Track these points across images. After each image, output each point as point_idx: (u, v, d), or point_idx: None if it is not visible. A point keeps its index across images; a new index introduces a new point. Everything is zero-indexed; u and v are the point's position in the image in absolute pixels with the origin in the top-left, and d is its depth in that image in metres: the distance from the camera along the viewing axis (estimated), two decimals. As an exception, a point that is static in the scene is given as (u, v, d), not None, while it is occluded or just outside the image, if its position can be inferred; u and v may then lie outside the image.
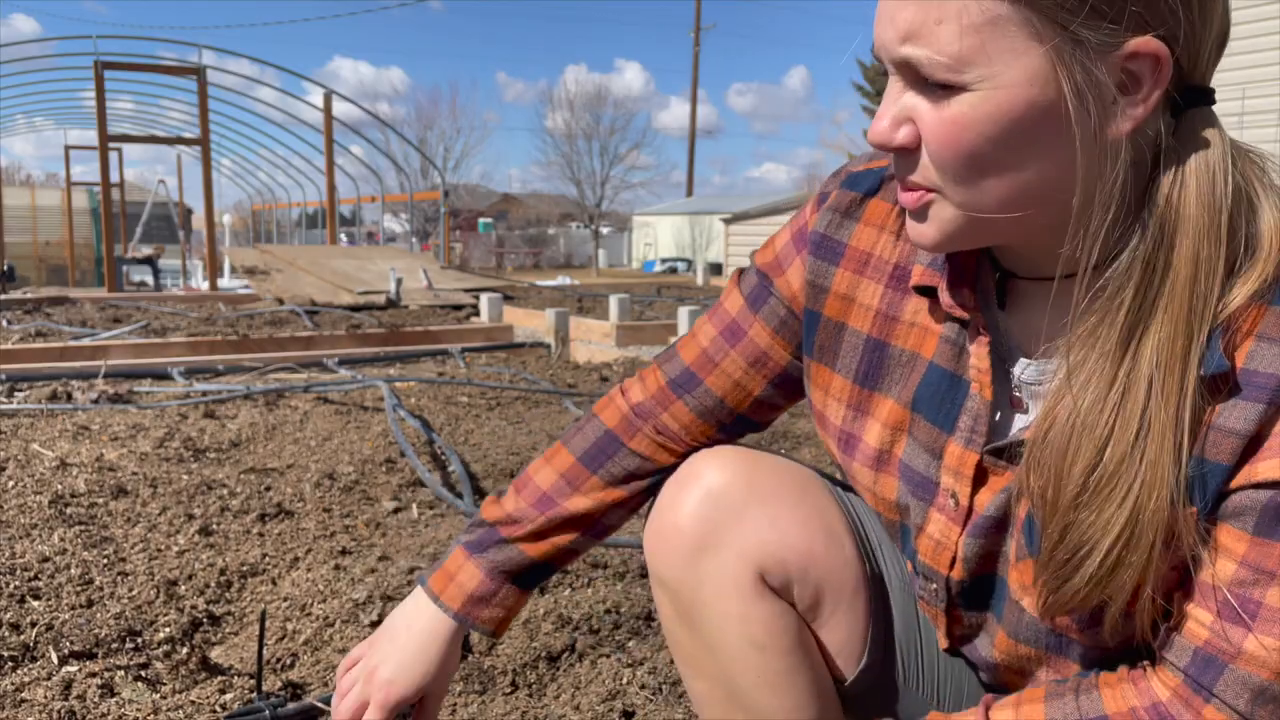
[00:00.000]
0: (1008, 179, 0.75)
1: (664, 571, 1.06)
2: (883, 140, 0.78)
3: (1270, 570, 0.73)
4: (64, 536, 2.33)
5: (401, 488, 2.91)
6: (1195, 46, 0.72)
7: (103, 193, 12.16)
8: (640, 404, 1.13)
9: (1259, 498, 0.73)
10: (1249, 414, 0.73)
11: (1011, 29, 0.70)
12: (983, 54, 0.71)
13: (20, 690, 1.60)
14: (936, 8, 0.71)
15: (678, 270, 31.19)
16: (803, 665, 1.03)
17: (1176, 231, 0.73)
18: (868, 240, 0.96)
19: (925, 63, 0.73)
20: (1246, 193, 0.75)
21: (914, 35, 0.73)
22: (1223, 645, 0.75)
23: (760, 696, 1.03)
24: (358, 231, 33.91)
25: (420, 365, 5.77)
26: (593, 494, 1.13)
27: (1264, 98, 9.07)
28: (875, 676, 1.07)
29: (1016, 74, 0.71)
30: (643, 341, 6.75)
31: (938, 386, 0.92)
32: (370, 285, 9.83)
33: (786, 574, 1.01)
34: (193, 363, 5.33)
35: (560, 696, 1.67)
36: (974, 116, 0.72)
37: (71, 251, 19.26)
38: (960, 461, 0.90)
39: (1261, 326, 0.73)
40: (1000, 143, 0.73)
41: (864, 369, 0.98)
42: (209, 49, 16.13)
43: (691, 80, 47.86)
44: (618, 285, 13.84)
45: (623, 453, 1.13)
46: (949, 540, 0.92)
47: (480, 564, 1.14)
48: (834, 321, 0.99)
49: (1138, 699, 0.78)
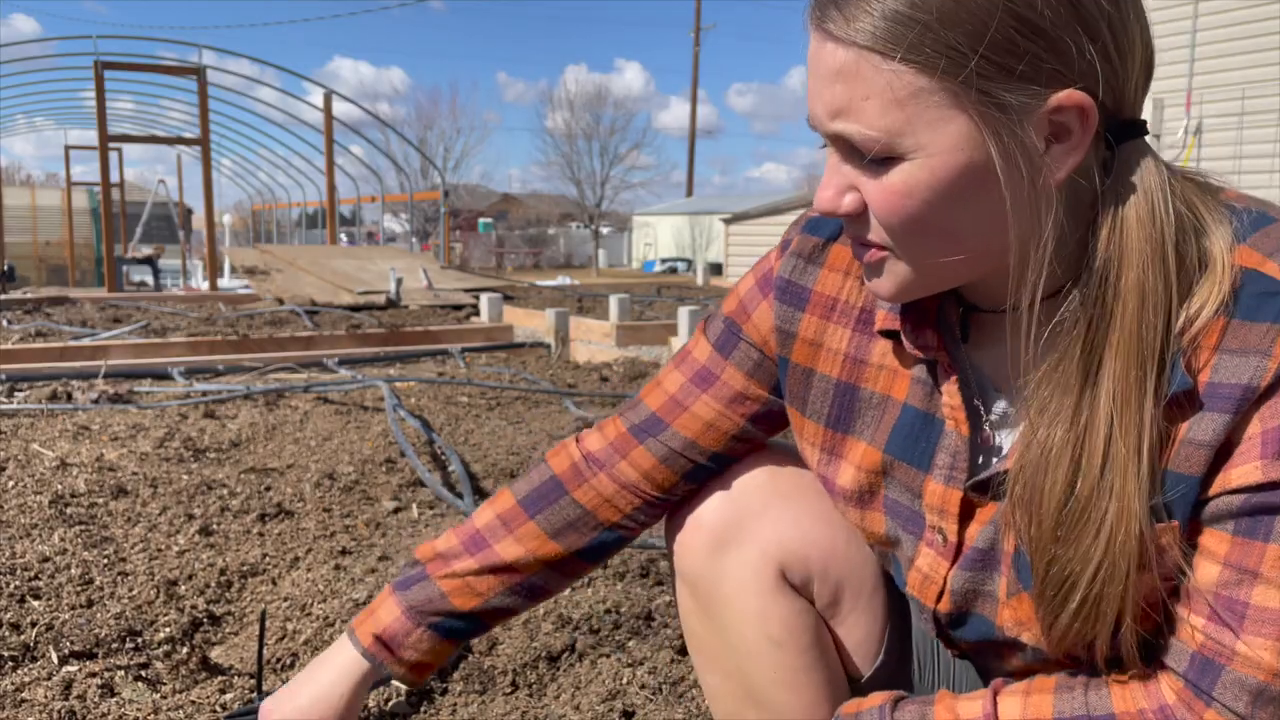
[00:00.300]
0: (953, 235, 0.78)
1: (685, 565, 1.06)
2: (830, 209, 0.81)
3: (1253, 570, 0.74)
4: (64, 536, 2.34)
5: (402, 488, 2.91)
6: (1119, 85, 0.74)
7: (103, 193, 12.15)
8: (594, 452, 1.09)
9: (1235, 501, 0.75)
10: (1216, 425, 0.74)
11: (935, 100, 0.72)
12: (911, 126, 0.73)
13: (20, 690, 1.60)
14: (862, 85, 0.74)
15: (678, 270, 31.18)
16: (819, 664, 1.03)
17: (1121, 264, 0.75)
18: (833, 285, 0.97)
19: (858, 138, 0.75)
20: (1190, 215, 0.77)
21: (843, 112, 0.75)
22: (1217, 648, 0.75)
23: (775, 693, 1.04)
24: (358, 231, 33.91)
25: (420, 365, 5.77)
26: (525, 541, 1.08)
27: (1264, 98, 9.07)
28: (890, 674, 1.07)
29: (946, 141, 0.73)
30: (643, 341, 6.75)
31: (912, 427, 0.93)
32: (370, 285, 9.82)
33: (808, 571, 1.02)
34: (193, 363, 5.33)
35: (560, 696, 1.67)
36: (912, 185, 0.75)
37: (71, 251, 19.25)
38: (943, 500, 0.91)
39: (1222, 340, 0.74)
40: (940, 206, 0.75)
41: (835, 413, 0.98)
42: (209, 49, 16.16)
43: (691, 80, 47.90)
44: (618, 285, 13.84)
45: (564, 500, 1.08)
46: (936, 575, 0.93)
47: (400, 601, 1.09)
48: (802, 367, 0.99)
49: (1145, 700, 0.78)
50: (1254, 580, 0.74)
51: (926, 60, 0.71)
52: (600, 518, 1.08)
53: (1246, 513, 0.74)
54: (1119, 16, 0.73)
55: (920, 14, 0.71)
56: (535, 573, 1.09)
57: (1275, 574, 0.74)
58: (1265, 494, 0.73)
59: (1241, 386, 0.73)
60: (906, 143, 0.74)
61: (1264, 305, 0.74)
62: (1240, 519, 0.75)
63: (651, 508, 1.08)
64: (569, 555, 1.09)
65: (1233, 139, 9.36)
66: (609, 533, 1.09)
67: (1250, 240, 0.76)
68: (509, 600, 1.10)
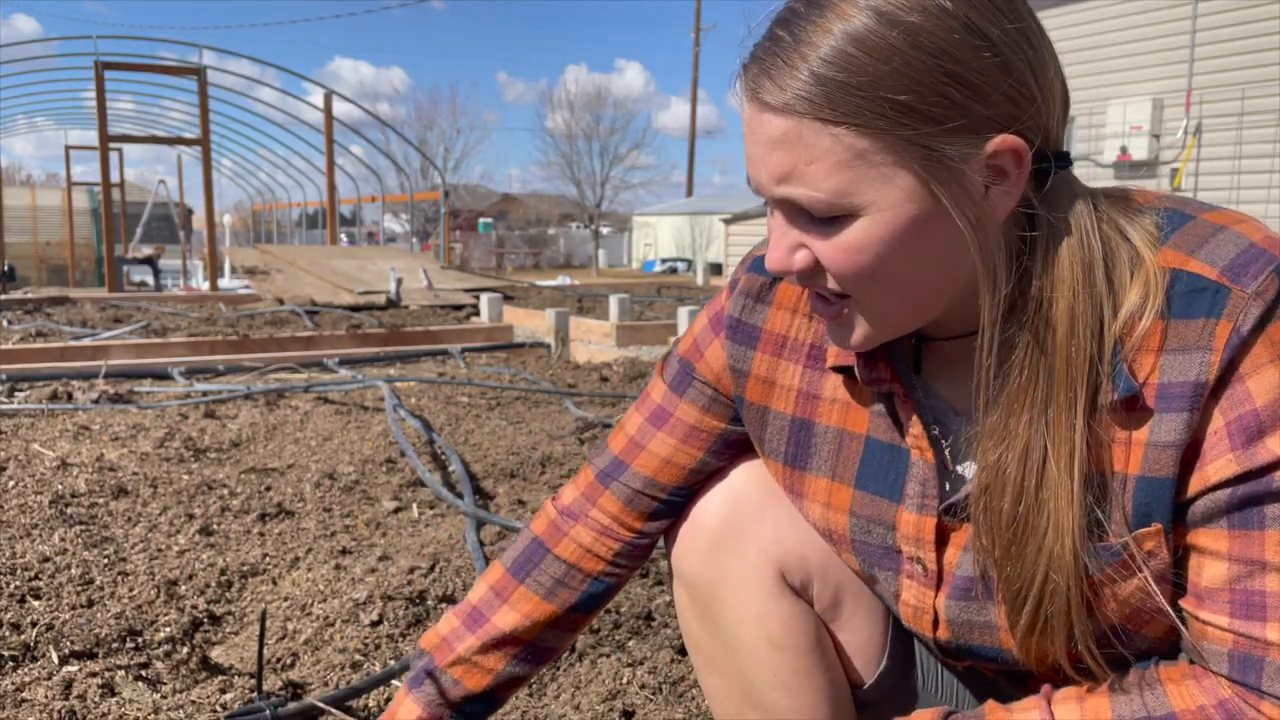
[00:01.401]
0: (906, 282, 0.80)
1: (684, 566, 1.06)
2: (782, 269, 0.82)
3: (1259, 559, 0.75)
4: (64, 536, 2.34)
5: (402, 487, 2.91)
6: (1045, 123, 0.77)
7: (103, 193, 12.15)
8: (568, 505, 1.11)
9: (1221, 498, 0.76)
10: (1176, 424, 0.76)
11: (878, 159, 0.74)
12: (857, 185, 0.75)
13: (21, 690, 1.60)
14: (804, 150, 0.75)
15: (678, 270, 31.17)
16: (818, 666, 1.03)
17: (1053, 292, 0.78)
18: (781, 323, 0.99)
19: (805, 201, 0.77)
20: (1118, 235, 0.80)
21: (788, 177, 0.77)
22: (1250, 643, 0.76)
23: (774, 696, 1.03)
24: (358, 231, 33.90)
25: (420, 365, 5.77)
26: (520, 607, 1.09)
27: (1264, 98, 9.07)
28: (895, 680, 1.07)
29: (893, 196, 0.75)
30: (643, 341, 6.75)
31: (879, 460, 0.94)
32: (370, 285, 9.83)
33: (807, 572, 1.02)
34: (193, 363, 5.33)
35: (560, 696, 1.67)
36: (863, 241, 0.77)
37: (72, 251, 19.25)
38: (918, 528, 0.91)
39: (1164, 342, 0.77)
40: (893, 257, 0.77)
41: (791, 450, 0.99)
42: (209, 49, 16.16)
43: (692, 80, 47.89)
44: (618, 285, 13.84)
45: (548, 559, 1.09)
46: (925, 604, 0.94)
47: (419, 700, 1.10)
48: (757, 406, 1.00)
49: (1204, 696, 0.78)
50: (1264, 569, 0.75)
51: (866, 122, 0.73)
52: (585, 569, 1.09)
53: (1235, 506, 0.75)
54: (1038, 59, 0.76)
55: (854, 78, 0.72)
56: (536, 636, 1.10)
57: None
58: (1248, 484, 0.75)
59: (1191, 383, 0.75)
60: (854, 201, 0.75)
61: (1195, 302, 0.76)
62: (1231, 514, 0.76)
63: (633, 550, 1.09)
64: (564, 613, 1.10)
65: (1232, 139, 9.35)
66: (597, 583, 1.10)
67: (1171, 241, 0.79)
68: (518, 669, 1.11)
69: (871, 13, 0.73)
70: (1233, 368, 0.75)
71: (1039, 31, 0.77)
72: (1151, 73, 9.83)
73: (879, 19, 0.72)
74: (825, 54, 0.73)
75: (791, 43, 0.75)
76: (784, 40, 0.75)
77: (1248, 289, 0.74)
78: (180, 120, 21.38)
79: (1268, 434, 0.74)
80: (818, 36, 0.74)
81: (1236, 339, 0.74)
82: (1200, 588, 0.78)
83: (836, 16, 0.74)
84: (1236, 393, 0.75)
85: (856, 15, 0.73)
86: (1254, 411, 0.74)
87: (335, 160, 16.33)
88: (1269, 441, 0.74)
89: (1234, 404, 0.75)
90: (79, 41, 30.63)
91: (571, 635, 1.13)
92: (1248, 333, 0.74)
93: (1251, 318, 0.74)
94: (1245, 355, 0.74)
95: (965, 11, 0.73)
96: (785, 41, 0.75)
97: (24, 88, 17.52)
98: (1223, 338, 0.74)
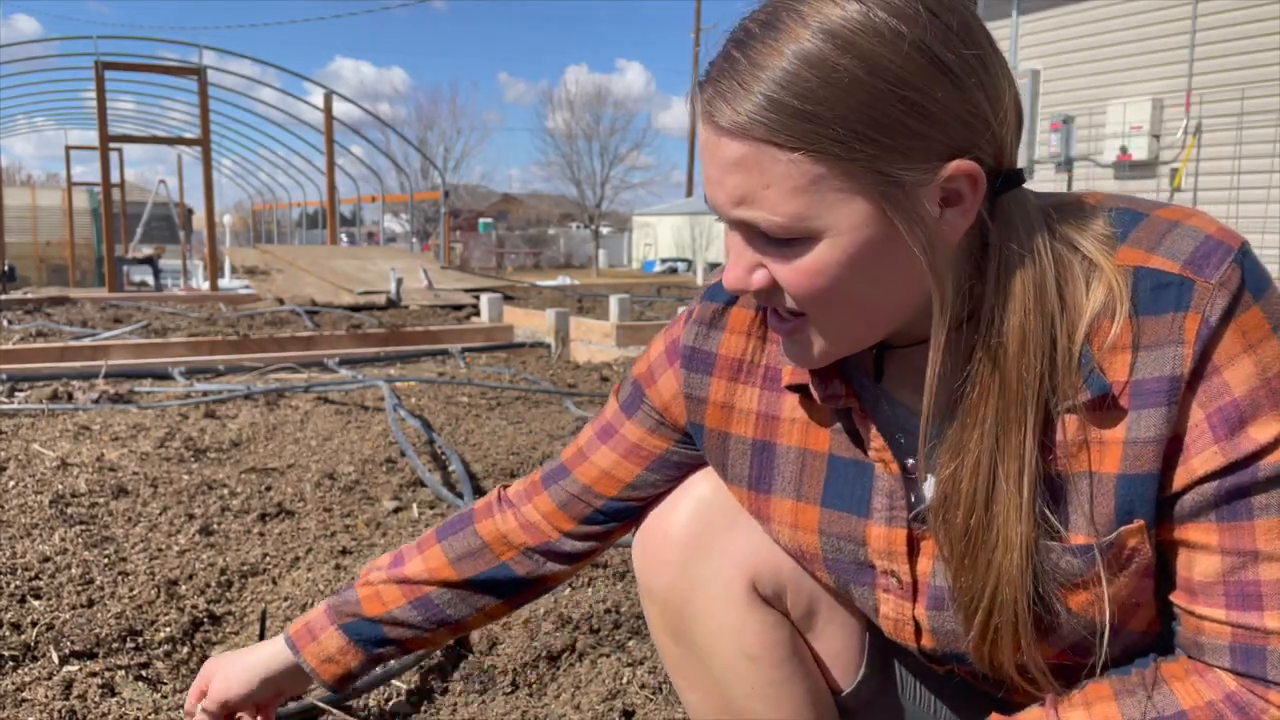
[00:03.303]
0: (864, 303, 0.81)
1: (653, 581, 1.05)
2: (740, 288, 0.83)
3: (1252, 549, 0.75)
4: (65, 536, 2.34)
5: (402, 487, 2.91)
6: (999, 146, 0.78)
7: (103, 193, 12.15)
8: (510, 495, 1.17)
9: (1208, 490, 0.76)
10: (1155, 419, 0.76)
11: (835, 184, 0.74)
12: (814, 210, 0.75)
13: (21, 690, 1.60)
14: (760, 175, 0.75)
15: (678, 270, 31.16)
16: (796, 676, 1.02)
17: (1005, 309, 0.78)
18: (736, 347, 0.99)
19: (763, 224, 0.77)
20: (1070, 249, 0.80)
21: (745, 200, 0.77)
22: (1249, 634, 0.76)
23: (755, 707, 1.02)
24: (358, 231, 33.90)
25: (420, 365, 5.77)
26: (428, 561, 1.16)
27: (1264, 98, 9.07)
28: (873, 688, 1.06)
29: (850, 221, 0.75)
30: (643, 341, 6.75)
31: (845, 476, 0.93)
32: (370, 285, 9.82)
33: (779, 582, 1.01)
34: (193, 363, 5.33)
35: (560, 696, 1.67)
36: (822, 264, 0.77)
37: (72, 251, 19.25)
38: (889, 541, 0.91)
39: (1135, 339, 0.77)
40: (850, 279, 0.78)
41: (754, 473, 0.99)
42: (210, 49, 16.14)
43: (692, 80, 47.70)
44: (618, 285, 13.84)
45: (468, 531, 1.16)
46: (905, 616, 0.94)
47: (325, 603, 1.21)
48: (718, 431, 1.00)
49: (1211, 691, 0.78)
50: (1256, 559, 0.75)
51: (821, 148, 0.73)
52: (494, 551, 1.14)
53: (1223, 499, 0.76)
54: (990, 81, 0.76)
55: (809, 105, 0.72)
56: (433, 591, 1.15)
57: (1272, 547, 0.75)
58: (1233, 475, 0.75)
59: (1167, 378, 0.76)
60: (811, 225, 0.76)
61: (1161, 297, 0.76)
62: (1220, 506, 0.76)
63: (549, 551, 1.12)
64: (463, 582, 1.15)
65: (1232, 139, 9.35)
66: (502, 568, 1.14)
67: (1129, 239, 0.79)
68: (411, 615, 1.16)
69: (825, 35, 0.72)
70: (1206, 359, 0.75)
71: (994, 53, 0.77)
72: (1151, 73, 9.83)
73: (832, 42, 0.72)
74: (779, 77, 0.73)
75: (746, 65, 0.74)
76: (739, 62, 0.75)
77: (1211, 279, 0.75)
78: (180, 120, 21.38)
79: (1249, 423, 0.74)
80: (771, 59, 0.73)
81: (1206, 330, 0.75)
82: (1193, 582, 0.79)
83: (790, 39, 0.73)
84: (1214, 384, 0.75)
85: (810, 39, 0.72)
86: (1234, 402, 0.75)
87: (335, 160, 16.33)
88: (1251, 430, 0.74)
89: (1213, 396, 0.75)
90: (79, 41, 30.66)
91: (473, 613, 1.16)
92: (1216, 323, 0.75)
93: (1219, 308, 0.75)
94: (1217, 345, 0.75)
95: (920, 36, 0.72)
96: (740, 63, 0.75)
97: (24, 88, 17.52)
98: (1193, 329, 0.75)
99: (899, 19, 0.72)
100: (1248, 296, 0.75)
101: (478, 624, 1.19)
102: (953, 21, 0.74)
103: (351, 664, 1.18)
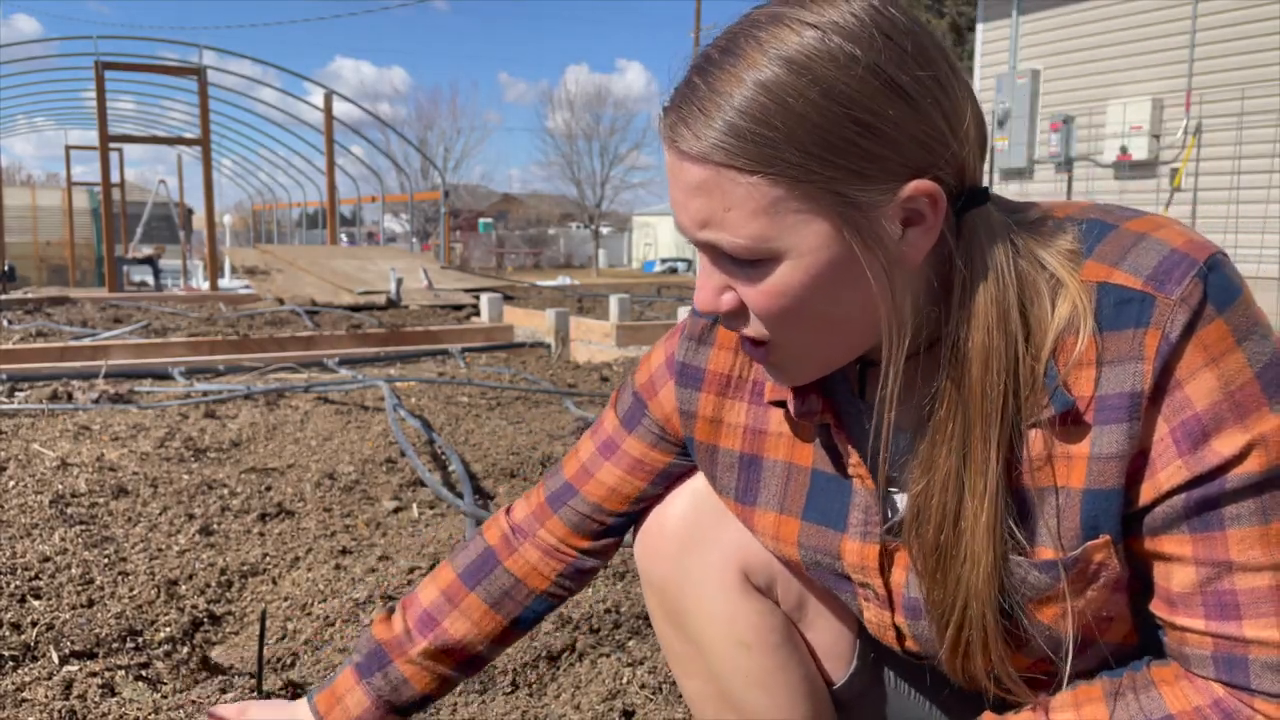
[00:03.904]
0: (828, 324, 0.81)
1: (651, 571, 1.08)
2: (710, 309, 0.84)
3: (1225, 560, 0.76)
4: (65, 536, 2.34)
5: (402, 487, 2.91)
6: (959, 165, 0.78)
7: (103, 193, 12.15)
8: (519, 523, 1.15)
9: (1177, 504, 0.77)
10: (1117, 435, 0.77)
11: (794, 206, 0.75)
12: (775, 231, 0.76)
13: (21, 690, 1.61)
14: (721, 198, 0.76)
15: (678, 270, 31.16)
16: (790, 663, 1.04)
17: (969, 327, 0.79)
18: (724, 363, 1.01)
19: (726, 245, 0.78)
20: (1035, 266, 0.80)
21: (708, 223, 0.78)
22: (1230, 644, 0.76)
23: (750, 695, 1.05)
24: (358, 231, 33.91)
25: (420, 365, 5.77)
26: (470, 614, 1.13)
27: (1264, 98, 9.07)
28: (865, 682, 1.08)
29: (811, 242, 0.76)
30: (643, 341, 6.75)
31: (825, 491, 0.95)
32: (370, 285, 9.82)
33: (771, 574, 1.03)
34: (193, 363, 5.33)
35: (560, 696, 1.67)
36: (784, 285, 0.78)
37: (72, 251, 19.24)
38: (861, 556, 0.93)
39: (1098, 355, 0.77)
40: (813, 300, 0.79)
41: (741, 486, 1.01)
42: (210, 49, 16.14)
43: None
44: (618, 285, 13.84)
45: (499, 570, 1.14)
46: (886, 622, 0.95)
47: (368, 691, 1.14)
48: (707, 445, 1.02)
49: (1199, 697, 0.78)
50: (1230, 569, 0.76)
51: (779, 171, 0.74)
52: (530, 585, 1.14)
53: (1193, 511, 0.76)
54: (949, 102, 0.76)
55: (765, 130, 0.73)
56: (482, 646, 1.15)
57: (1245, 557, 0.75)
58: (1200, 488, 0.75)
59: (1127, 394, 0.76)
60: (773, 247, 0.77)
61: (1123, 313, 0.77)
62: (1190, 518, 0.77)
63: (575, 572, 1.14)
64: (508, 625, 1.15)
65: (1232, 139, 9.35)
66: (540, 600, 1.15)
67: (1095, 254, 0.80)
68: (456, 675, 1.17)
69: (782, 62, 0.73)
70: (1168, 374, 0.75)
71: (951, 74, 0.77)
72: (1151, 73, 9.83)
73: (789, 69, 0.73)
74: (738, 104, 0.74)
75: (706, 91, 0.76)
76: (699, 88, 0.76)
77: (1172, 295, 0.75)
78: (181, 120, 21.37)
79: (1212, 436, 0.74)
80: (730, 86, 0.74)
81: (1166, 346, 0.75)
82: (1172, 594, 0.79)
83: (748, 65, 0.74)
84: (1176, 399, 0.75)
85: (767, 65, 0.74)
86: (1196, 416, 0.75)
87: (335, 160, 16.33)
88: (1214, 444, 0.74)
89: (1175, 410, 0.75)
90: (79, 41, 30.68)
91: (501, 649, 1.18)
92: (1176, 339, 0.75)
93: (1179, 324, 0.75)
94: (1179, 361, 0.75)
95: (874, 60, 0.73)
96: (700, 90, 0.76)
97: (24, 88, 17.51)
98: (1153, 346, 0.75)
99: (854, 43, 0.73)
100: (1210, 310, 0.75)
101: (497, 656, 1.20)
102: (907, 44, 0.75)
103: None
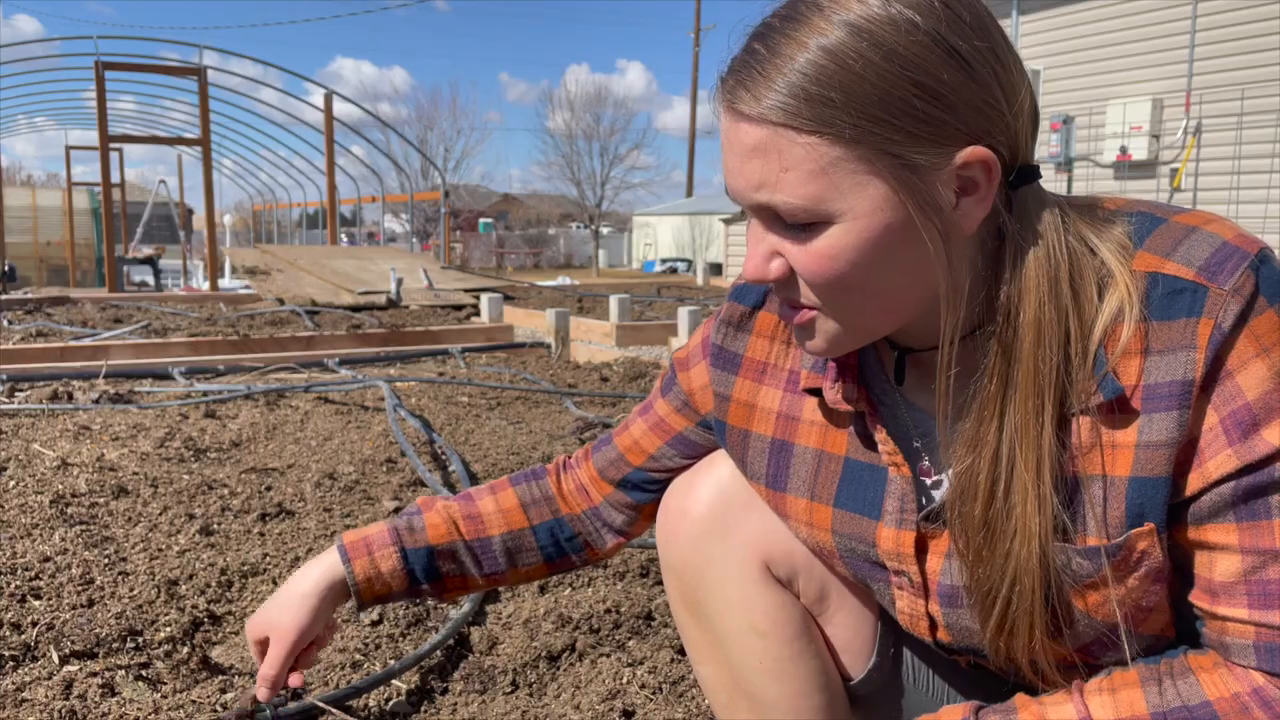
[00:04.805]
0: (878, 291, 0.82)
1: (672, 556, 1.09)
2: (758, 276, 0.84)
3: (1272, 549, 0.76)
4: (65, 536, 2.34)
5: (402, 487, 2.91)
6: (1015, 138, 0.80)
7: (103, 193, 12.15)
8: (570, 460, 1.26)
9: (1225, 492, 0.77)
10: (1167, 423, 0.77)
11: (851, 166, 0.76)
12: (831, 192, 0.77)
13: (21, 690, 1.61)
14: (779, 159, 0.77)
15: (678, 270, 31.15)
16: (805, 654, 1.05)
17: (1021, 302, 0.80)
18: (762, 350, 1.03)
19: (781, 207, 0.79)
20: (1085, 248, 0.81)
21: (764, 185, 0.79)
22: (1273, 632, 0.77)
23: (763, 683, 1.05)
24: (358, 232, 33.93)
25: (421, 365, 5.77)
26: (502, 501, 1.21)
27: (1264, 98, 9.07)
28: (884, 677, 1.08)
29: (866, 204, 0.77)
30: (643, 341, 6.75)
31: (859, 478, 0.96)
32: (371, 285, 9.83)
33: (793, 566, 1.04)
34: (193, 363, 5.33)
35: (560, 696, 1.67)
36: (837, 248, 0.79)
37: (72, 252, 19.25)
38: (897, 543, 0.93)
39: (1147, 344, 0.78)
40: (865, 265, 0.79)
41: (771, 471, 1.02)
42: (210, 49, 16.15)
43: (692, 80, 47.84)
44: (618, 285, 13.83)
45: (541, 483, 1.23)
46: (919, 611, 0.95)
47: (388, 522, 1.21)
48: (739, 429, 1.04)
49: (1238, 684, 0.78)
50: (1276, 558, 0.76)
51: (837, 131, 0.75)
52: (559, 503, 1.22)
53: (1241, 499, 0.77)
54: (1005, 74, 0.78)
55: (826, 90, 0.75)
56: (497, 531, 1.19)
57: None
58: (1249, 477, 0.76)
59: (1179, 382, 0.77)
60: (828, 209, 0.78)
61: (1174, 303, 0.77)
62: (1238, 506, 0.77)
63: (597, 518, 1.21)
64: (526, 529, 1.20)
65: (1232, 139, 9.35)
66: (561, 524, 1.21)
67: (1146, 245, 0.81)
68: (467, 554, 1.19)
69: (846, 27, 0.75)
70: (1219, 364, 0.76)
71: (1008, 49, 0.79)
72: (1151, 73, 9.83)
73: (852, 33, 0.75)
74: (799, 66, 0.76)
75: (767, 55, 0.77)
76: (760, 53, 0.78)
77: (1225, 286, 0.76)
78: (181, 120, 21.39)
79: (1263, 426, 0.75)
80: (792, 50, 0.76)
81: (1219, 335, 0.76)
82: (1214, 583, 0.79)
83: (811, 31, 0.76)
84: (1227, 388, 0.76)
85: (831, 30, 0.75)
86: (1247, 405, 0.75)
87: (336, 160, 16.33)
88: (1265, 433, 0.75)
89: (1226, 400, 0.76)
90: (80, 41, 30.67)
91: (515, 570, 1.21)
92: (1229, 329, 0.76)
93: (1231, 314, 0.76)
94: (1230, 351, 0.76)
95: (935, 27, 0.75)
96: (761, 54, 0.78)
97: (25, 88, 17.54)
98: (1205, 335, 0.76)
99: (915, 10, 0.75)
100: (1262, 301, 0.76)
101: (515, 581, 1.24)
102: (965, 15, 0.77)
103: (392, 588, 1.19)
